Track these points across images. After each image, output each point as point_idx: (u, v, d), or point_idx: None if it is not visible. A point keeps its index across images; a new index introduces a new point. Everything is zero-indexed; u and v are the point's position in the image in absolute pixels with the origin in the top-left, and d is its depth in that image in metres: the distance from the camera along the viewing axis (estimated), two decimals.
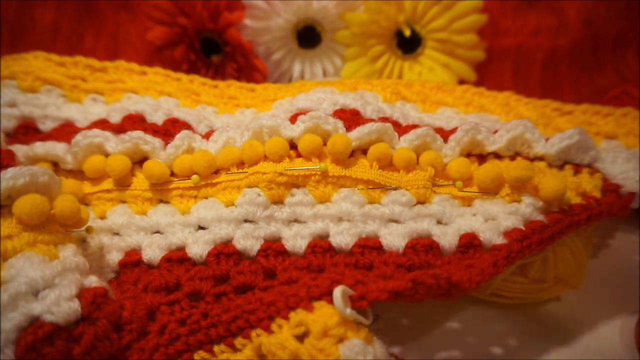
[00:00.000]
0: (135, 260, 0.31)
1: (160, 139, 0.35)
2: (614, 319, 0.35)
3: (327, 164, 0.33)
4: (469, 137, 0.35)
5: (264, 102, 0.44)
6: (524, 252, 0.30)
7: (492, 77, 0.52)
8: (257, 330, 0.26)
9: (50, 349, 0.23)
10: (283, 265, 0.30)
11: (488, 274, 0.28)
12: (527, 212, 0.32)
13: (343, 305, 0.25)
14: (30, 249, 0.26)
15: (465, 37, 0.50)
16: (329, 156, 0.33)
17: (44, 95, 0.40)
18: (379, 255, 0.31)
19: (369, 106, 0.38)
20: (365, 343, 0.24)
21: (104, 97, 0.42)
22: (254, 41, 0.51)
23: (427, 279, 0.26)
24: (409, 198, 0.33)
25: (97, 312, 0.25)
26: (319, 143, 0.33)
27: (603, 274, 0.37)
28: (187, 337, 0.27)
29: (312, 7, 0.50)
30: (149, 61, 0.49)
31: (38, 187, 0.28)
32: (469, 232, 0.31)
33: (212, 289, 0.29)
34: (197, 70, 0.51)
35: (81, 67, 0.44)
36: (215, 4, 0.49)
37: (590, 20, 0.50)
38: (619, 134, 0.43)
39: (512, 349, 0.33)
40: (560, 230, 0.30)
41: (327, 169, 0.33)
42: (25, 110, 0.38)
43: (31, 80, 0.40)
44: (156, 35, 0.50)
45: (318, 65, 0.53)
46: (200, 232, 0.32)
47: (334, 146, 0.33)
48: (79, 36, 0.52)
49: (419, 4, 0.49)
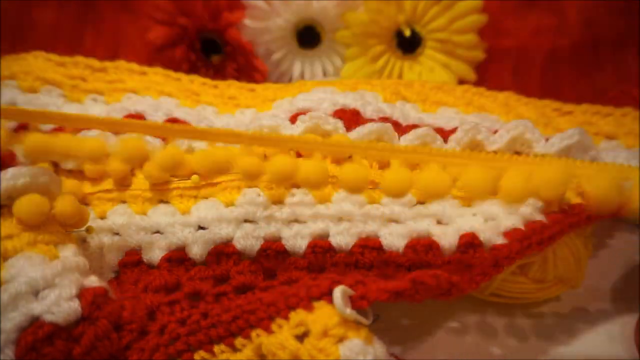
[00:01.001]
0: (135, 260, 0.31)
1: (160, 139, 0.35)
2: (614, 319, 0.35)
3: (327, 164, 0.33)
4: (469, 137, 0.35)
5: (264, 102, 0.44)
6: (524, 252, 0.30)
7: (492, 77, 0.52)
8: (257, 330, 0.26)
9: (50, 349, 0.23)
10: (283, 265, 0.30)
11: (488, 274, 0.28)
12: (527, 212, 0.32)
13: (343, 305, 0.25)
14: (31, 249, 0.26)
15: (465, 37, 0.50)
16: (329, 156, 0.33)
17: (44, 96, 0.40)
18: (379, 255, 0.31)
19: (369, 106, 0.38)
20: (365, 343, 0.24)
21: (104, 97, 0.42)
22: (254, 41, 0.51)
23: (427, 279, 0.26)
24: (409, 198, 0.33)
25: (97, 312, 0.25)
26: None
27: (603, 274, 0.37)
28: (187, 337, 0.27)
29: (312, 7, 0.50)
30: (149, 61, 0.49)
31: (38, 187, 0.28)
32: (469, 232, 0.31)
33: (212, 289, 0.29)
34: (197, 70, 0.51)
35: (81, 67, 0.44)
36: (215, 4, 0.49)
37: (590, 20, 0.50)
38: (619, 134, 0.43)
39: (512, 349, 0.33)
40: (561, 230, 0.30)
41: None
42: None
43: (31, 80, 0.40)
44: (156, 35, 0.50)
45: (318, 65, 0.53)
46: (200, 232, 0.32)
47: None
48: (79, 36, 0.52)
49: (419, 4, 0.49)
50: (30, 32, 0.51)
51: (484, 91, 0.46)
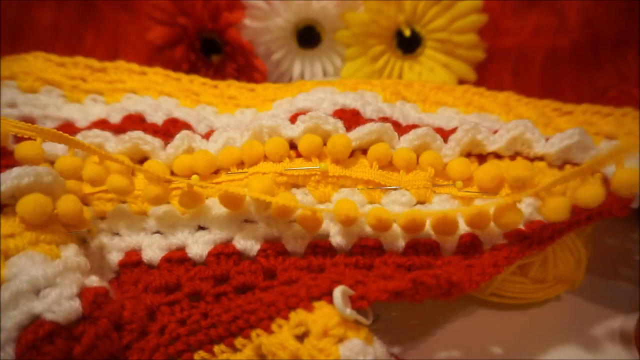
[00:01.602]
0: (135, 261, 0.31)
1: (160, 139, 0.35)
2: (614, 319, 0.35)
3: (327, 164, 0.33)
4: (469, 137, 0.35)
5: (264, 102, 0.44)
6: (524, 252, 0.30)
7: (492, 77, 0.52)
8: (257, 331, 0.26)
9: (50, 348, 0.23)
10: (283, 265, 0.30)
11: (488, 274, 0.28)
12: (527, 212, 0.32)
13: (343, 305, 0.25)
14: (33, 248, 0.26)
15: (465, 37, 0.50)
16: (329, 156, 0.33)
17: (44, 96, 0.40)
18: (379, 255, 0.31)
19: (369, 106, 0.38)
20: (365, 343, 0.24)
21: (104, 97, 0.42)
22: (254, 41, 0.51)
23: (427, 279, 0.26)
24: (409, 198, 0.33)
25: (98, 312, 0.25)
26: (319, 143, 0.33)
27: (603, 274, 0.37)
28: (187, 337, 0.27)
29: (312, 7, 0.50)
30: (149, 61, 0.49)
31: (42, 187, 0.28)
32: (469, 232, 0.31)
33: (212, 289, 0.29)
34: (197, 70, 0.51)
35: (81, 68, 0.44)
36: (215, 4, 0.49)
37: (590, 20, 0.50)
38: (619, 134, 0.43)
39: (512, 349, 0.33)
40: (560, 230, 0.30)
41: (327, 169, 0.33)
42: (26, 111, 0.38)
43: (31, 80, 0.40)
44: (156, 35, 0.50)
45: (318, 65, 0.53)
46: (200, 232, 0.32)
47: (334, 146, 0.33)
48: (79, 36, 0.52)
49: (419, 4, 0.49)
50: (30, 32, 0.51)
51: (484, 91, 0.46)
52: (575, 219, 0.31)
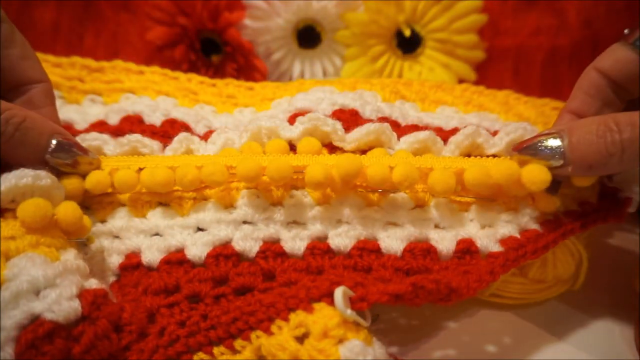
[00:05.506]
0: (135, 263, 0.31)
1: (159, 141, 0.35)
2: (614, 319, 0.35)
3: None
4: (469, 141, 0.34)
5: (263, 101, 0.44)
6: (519, 260, 0.30)
7: (492, 77, 0.52)
8: (256, 332, 0.26)
9: (50, 347, 0.23)
10: (282, 266, 0.30)
11: (485, 281, 0.28)
12: (523, 221, 0.32)
13: (344, 306, 0.25)
14: (33, 250, 0.26)
15: (465, 37, 0.50)
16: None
17: None
18: (378, 258, 0.31)
19: (368, 106, 0.38)
20: (365, 344, 0.24)
21: (102, 97, 0.42)
22: (254, 41, 0.51)
23: (427, 284, 0.26)
24: (408, 201, 0.33)
25: (97, 312, 0.26)
26: (318, 147, 0.33)
27: (603, 274, 0.37)
28: (186, 338, 0.27)
29: (312, 7, 0.50)
30: (148, 61, 0.49)
31: (41, 189, 0.28)
32: (466, 237, 0.31)
33: (211, 291, 0.29)
34: (197, 70, 0.51)
35: (78, 68, 0.44)
36: (215, 4, 0.49)
37: (590, 20, 0.50)
38: None
39: (511, 349, 0.33)
40: (555, 239, 0.31)
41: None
42: None
43: None
44: (156, 35, 0.50)
45: (318, 65, 0.53)
46: (199, 233, 0.32)
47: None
48: (79, 36, 0.52)
49: (419, 4, 0.49)
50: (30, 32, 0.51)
51: (483, 90, 0.46)
52: (569, 228, 0.31)
